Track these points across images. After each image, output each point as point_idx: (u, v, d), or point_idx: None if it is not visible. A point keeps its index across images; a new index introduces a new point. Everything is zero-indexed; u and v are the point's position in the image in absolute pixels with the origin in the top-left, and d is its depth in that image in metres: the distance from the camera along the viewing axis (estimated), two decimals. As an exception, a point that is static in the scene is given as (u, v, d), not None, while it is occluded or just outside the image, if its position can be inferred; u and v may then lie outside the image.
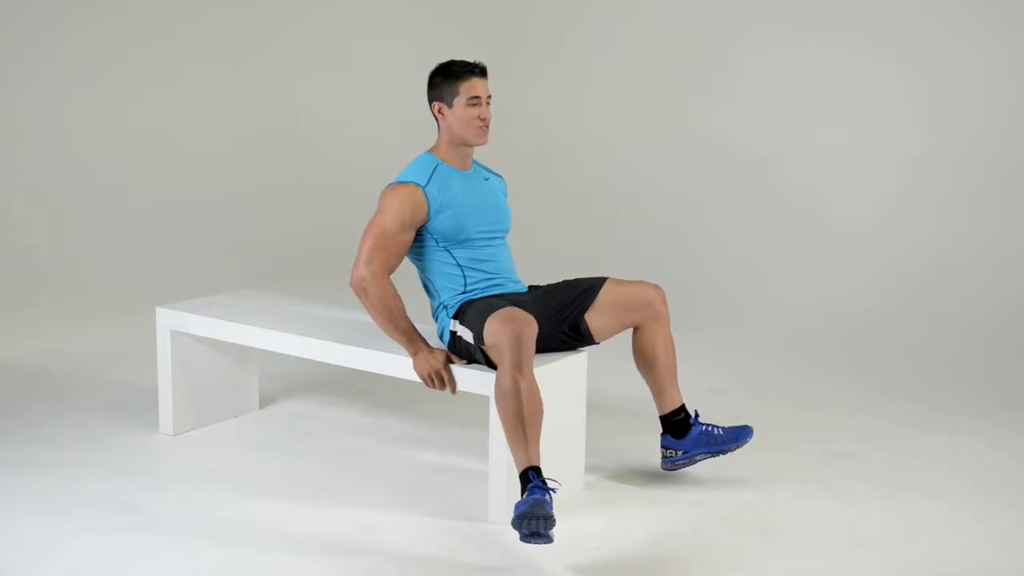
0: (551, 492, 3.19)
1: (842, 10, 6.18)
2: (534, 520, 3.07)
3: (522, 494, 3.20)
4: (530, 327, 3.32)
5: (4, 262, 6.06)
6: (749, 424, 3.77)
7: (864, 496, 3.69)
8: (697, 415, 3.73)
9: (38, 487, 3.65)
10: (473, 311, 3.50)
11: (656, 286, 3.71)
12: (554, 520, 3.11)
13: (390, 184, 3.60)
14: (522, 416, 3.25)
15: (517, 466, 3.27)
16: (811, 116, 6.31)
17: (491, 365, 3.49)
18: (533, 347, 3.33)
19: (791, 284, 6.02)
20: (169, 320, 4.10)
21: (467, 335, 3.50)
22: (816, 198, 6.27)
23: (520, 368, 3.28)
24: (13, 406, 4.42)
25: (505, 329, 3.30)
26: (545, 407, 3.51)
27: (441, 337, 3.62)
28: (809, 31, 6.29)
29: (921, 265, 5.88)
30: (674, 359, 3.72)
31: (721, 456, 3.72)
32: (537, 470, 3.22)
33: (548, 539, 3.09)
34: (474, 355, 3.52)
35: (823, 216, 6.22)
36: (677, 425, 3.71)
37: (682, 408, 3.72)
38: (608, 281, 3.68)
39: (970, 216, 5.89)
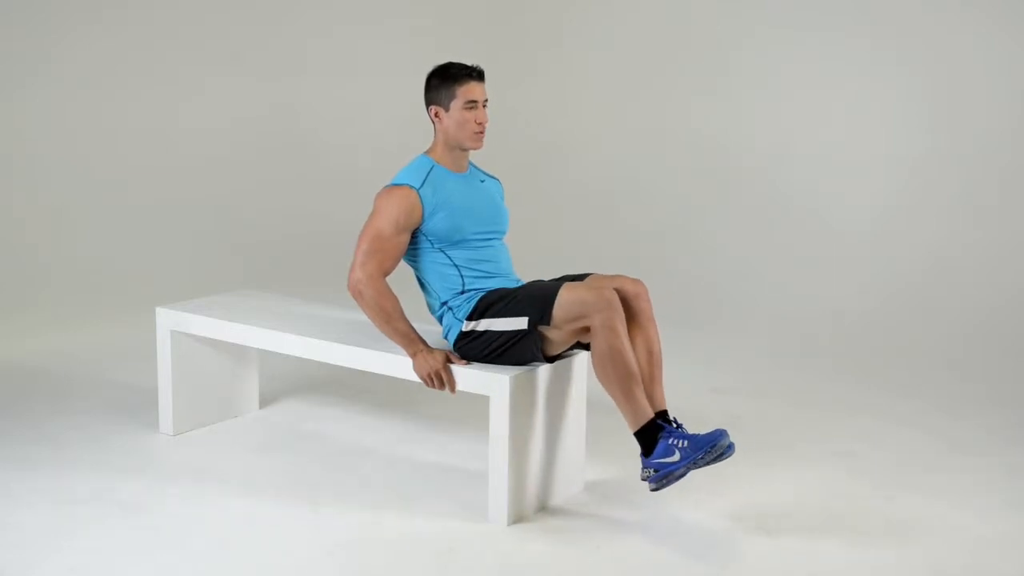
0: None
1: (842, 10, 6.19)
2: (721, 453, 3.20)
3: (650, 446, 3.28)
4: (611, 289, 3.36)
5: (4, 262, 6.06)
6: (721, 428, 3.28)
7: (864, 496, 3.70)
8: (676, 424, 3.37)
9: (38, 487, 3.65)
10: (515, 300, 3.45)
11: (635, 280, 3.47)
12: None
13: (385, 187, 3.60)
14: (632, 371, 3.31)
15: (636, 423, 3.32)
16: (811, 116, 6.31)
17: (499, 360, 3.48)
18: (621, 307, 3.37)
19: (791, 284, 6.02)
20: (169, 320, 4.10)
21: (515, 324, 3.44)
22: (816, 198, 6.27)
23: (622, 325, 3.32)
24: (13, 406, 4.42)
25: (596, 295, 3.32)
26: (545, 407, 3.52)
27: (446, 337, 3.62)
28: (809, 31, 6.29)
29: (921, 265, 5.89)
30: (657, 359, 3.45)
31: (698, 469, 3.31)
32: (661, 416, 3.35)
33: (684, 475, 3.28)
34: (489, 351, 3.48)
35: (823, 216, 6.22)
36: (646, 439, 3.37)
37: (659, 415, 3.40)
38: (589, 277, 3.54)
39: (970, 216, 5.89)
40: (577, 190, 6.93)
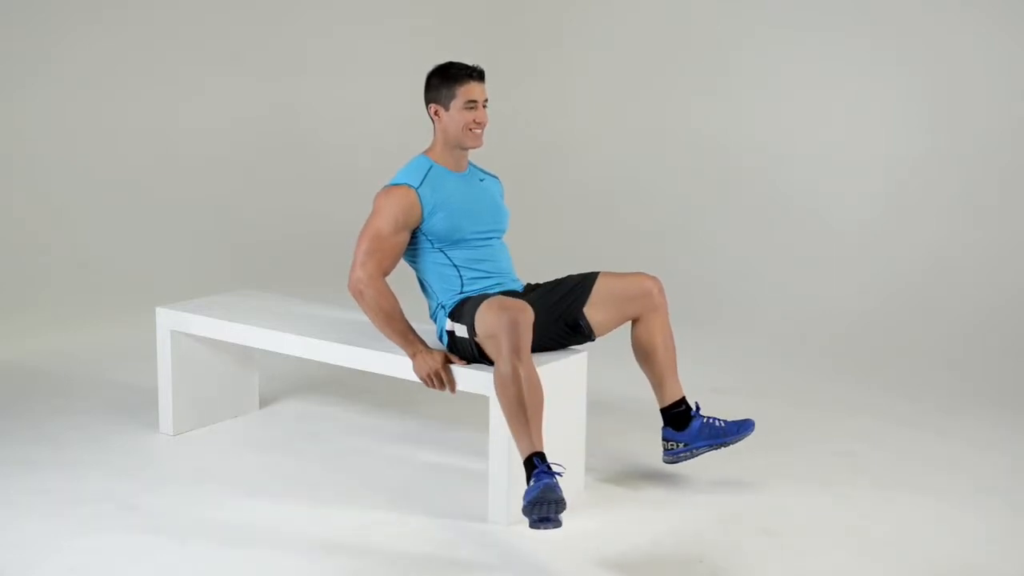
0: (557, 476, 3.19)
1: (842, 10, 6.18)
2: (546, 505, 3.09)
3: (528, 481, 3.20)
4: (525, 313, 3.32)
5: (4, 262, 6.06)
6: (751, 418, 3.73)
7: (864, 496, 3.70)
8: (698, 408, 3.70)
9: (38, 487, 3.65)
10: (468, 306, 3.51)
11: (653, 277, 3.68)
12: (565, 503, 3.13)
13: (384, 187, 3.61)
14: (523, 402, 3.26)
15: (521, 453, 3.26)
16: (811, 116, 6.31)
17: (487, 360, 3.49)
18: (530, 333, 3.33)
19: (791, 284, 6.02)
20: (169, 320, 4.10)
21: (462, 331, 3.50)
22: (816, 198, 6.27)
23: (519, 354, 3.28)
24: (13, 406, 4.42)
25: (501, 316, 3.30)
26: (545, 407, 3.52)
27: (440, 338, 3.63)
28: (809, 31, 6.29)
29: (921, 265, 5.88)
30: (673, 351, 3.69)
31: (723, 449, 3.70)
32: (541, 455, 3.22)
33: (558, 523, 3.12)
34: (471, 352, 3.52)
35: (823, 216, 6.22)
36: (678, 417, 3.68)
37: (682, 400, 3.69)
38: (601, 275, 3.67)
39: (970, 216, 5.89)
40: (577, 190, 6.93)
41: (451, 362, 3.53)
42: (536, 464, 3.20)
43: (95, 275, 6.17)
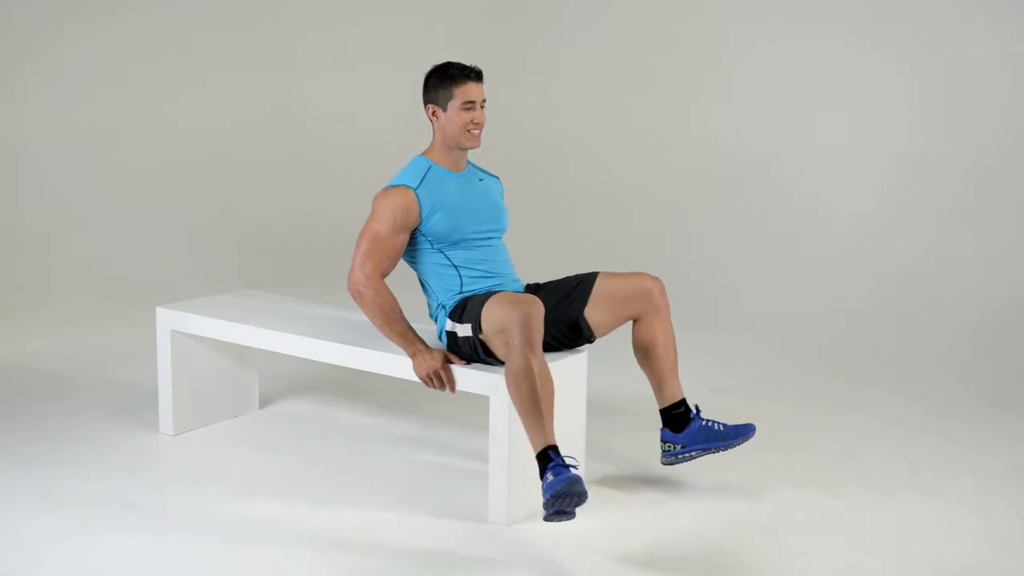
0: (573, 468, 3.21)
1: (842, 9, 6.18)
2: (569, 498, 3.12)
3: (541, 475, 3.22)
4: (536, 307, 3.33)
5: (4, 262, 6.06)
6: (752, 423, 3.68)
7: (864, 496, 3.69)
8: (698, 410, 3.66)
9: (38, 487, 3.65)
10: (471, 305, 3.51)
11: (654, 277, 3.65)
12: (587, 496, 3.17)
13: (383, 188, 3.61)
14: (537, 396, 3.27)
15: (534, 447, 3.27)
16: (811, 115, 6.31)
17: (489, 360, 3.49)
18: (542, 327, 3.33)
19: (791, 284, 6.02)
20: (169, 320, 4.10)
21: (465, 330, 3.49)
22: (816, 198, 6.27)
23: (532, 348, 3.29)
24: (13, 406, 4.42)
25: (513, 311, 3.31)
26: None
27: (440, 337, 3.63)
28: (808, 30, 6.29)
29: (922, 264, 5.88)
30: (674, 351, 3.66)
31: (721, 452, 3.66)
32: (556, 449, 3.25)
33: (573, 516, 3.18)
34: (472, 352, 3.51)
35: (823, 216, 6.22)
36: (677, 419, 3.65)
37: (682, 402, 3.66)
38: (600, 275, 3.65)
39: (970, 216, 5.89)
40: (577, 190, 6.93)
41: (451, 362, 3.53)
42: (552, 457, 3.22)
43: (95, 275, 6.17)
